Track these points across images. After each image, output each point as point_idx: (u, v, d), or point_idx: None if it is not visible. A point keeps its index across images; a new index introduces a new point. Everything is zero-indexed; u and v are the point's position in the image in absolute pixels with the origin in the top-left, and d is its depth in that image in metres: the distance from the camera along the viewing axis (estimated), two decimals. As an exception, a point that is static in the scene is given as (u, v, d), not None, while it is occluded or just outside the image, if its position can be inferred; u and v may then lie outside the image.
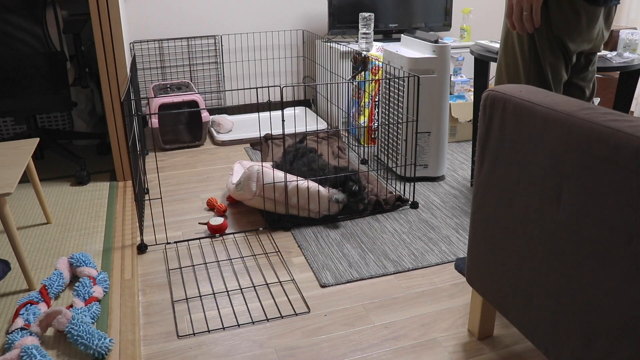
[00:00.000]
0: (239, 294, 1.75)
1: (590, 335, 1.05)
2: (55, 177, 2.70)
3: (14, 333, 1.47)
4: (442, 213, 2.27)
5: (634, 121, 0.97)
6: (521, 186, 1.20)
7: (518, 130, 1.19)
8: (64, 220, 2.24)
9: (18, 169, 1.77)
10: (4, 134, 3.13)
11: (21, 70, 2.44)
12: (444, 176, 2.65)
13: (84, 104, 3.16)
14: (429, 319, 1.62)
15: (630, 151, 0.92)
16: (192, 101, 3.06)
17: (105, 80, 2.47)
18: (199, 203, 2.41)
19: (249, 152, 3.02)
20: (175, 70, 3.47)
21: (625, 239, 0.94)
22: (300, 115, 3.54)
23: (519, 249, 1.24)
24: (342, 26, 3.42)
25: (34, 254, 1.98)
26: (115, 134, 2.55)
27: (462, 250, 1.97)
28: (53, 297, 1.68)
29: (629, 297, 0.95)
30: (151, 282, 1.83)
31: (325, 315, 1.64)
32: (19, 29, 2.38)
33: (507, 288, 1.30)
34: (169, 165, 2.87)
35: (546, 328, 1.18)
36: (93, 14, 2.36)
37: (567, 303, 1.10)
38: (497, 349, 1.49)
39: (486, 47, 2.28)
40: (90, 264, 1.81)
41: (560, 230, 1.09)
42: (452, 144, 3.11)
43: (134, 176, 2.02)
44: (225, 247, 2.05)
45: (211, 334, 1.57)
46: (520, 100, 1.19)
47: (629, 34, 2.14)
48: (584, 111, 1.05)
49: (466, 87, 3.16)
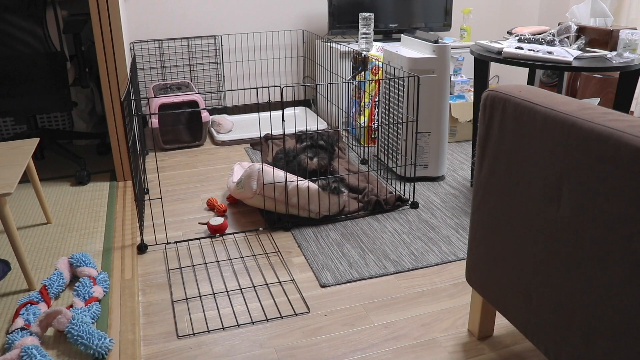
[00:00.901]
0: (238, 294, 1.75)
1: (589, 335, 1.06)
2: (55, 177, 2.70)
3: (14, 333, 1.47)
4: (442, 213, 2.27)
5: (634, 121, 0.97)
6: (521, 186, 1.20)
7: (518, 130, 1.19)
8: (64, 220, 2.24)
9: (18, 169, 1.77)
10: (4, 134, 3.13)
11: (21, 70, 2.45)
12: (444, 176, 2.65)
13: (84, 104, 3.16)
14: (429, 319, 1.62)
15: (630, 151, 0.92)
16: (192, 101, 3.06)
17: (105, 80, 2.47)
18: (199, 203, 2.41)
19: (249, 152, 3.02)
20: (175, 70, 3.47)
21: (625, 239, 0.94)
22: (300, 115, 3.54)
23: (519, 249, 1.24)
24: (342, 26, 3.42)
25: (34, 254, 1.98)
26: (115, 134, 2.55)
27: (462, 250, 1.97)
28: (53, 297, 1.68)
29: (628, 297, 0.95)
30: (151, 282, 1.83)
31: (325, 315, 1.64)
32: (19, 29, 2.38)
33: (507, 288, 1.30)
34: (169, 165, 2.88)
35: (546, 328, 1.18)
36: (93, 14, 2.36)
37: (567, 303, 1.10)
38: (497, 349, 1.49)
39: (486, 47, 2.28)
40: (90, 264, 1.81)
41: (560, 230, 1.09)
42: (452, 144, 3.11)
43: (134, 176, 2.02)
44: (225, 247, 2.05)
45: (211, 334, 1.57)
46: (520, 100, 1.19)
47: (629, 34, 2.14)
48: (583, 111, 1.05)
49: (466, 87, 3.16)
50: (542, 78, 3.42)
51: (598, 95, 3.12)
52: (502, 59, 2.13)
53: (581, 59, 2.11)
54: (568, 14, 2.50)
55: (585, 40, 2.29)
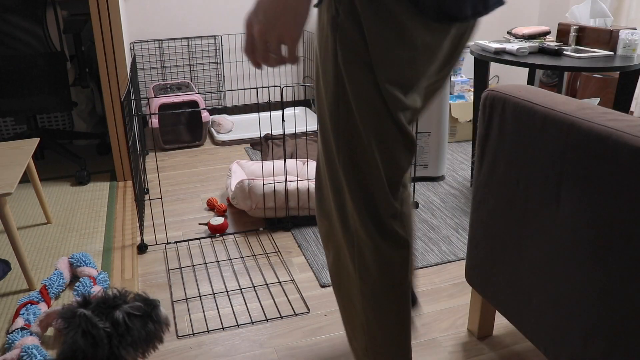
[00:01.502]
0: (238, 294, 1.75)
1: (589, 335, 1.06)
2: (56, 177, 2.70)
3: (15, 333, 1.47)
4: (442, 213, 2.27)
5: (634, 121, 0.97)
6: (521, 186, 1.20)
7: (517, 130, 1.19)
8: (64, 220, 2.24)
9: (18, 169, 1.77)
10: (4, 134, 3.13)
11: (21, 71, 2.45)
12: (444, 176, 2.65)
13: (84, 104, 3.16)
14: (428, 319, 1.62)
15: (629, 151, 0.92)
16: (192, 101, 3.06)
17: (105, 80, 2.47)
18: (199, 203, 2.41)
19: (249, 152, 3.02)
20: (175, 70, 3.47)
21: (625, 239, 0.94)
22: (300, 115, 3.54)
23: (518, 249, 1.24)
24: (342, 26, 3.41)
25: (34, 254, 1.98)
26: (115, 134, 2.55)
27: (462, 250, 1.97)
28: (53, 297, 1.68)
29: (627, 297, 0.96)
30: (151, 282, 1.83)
31: (325, 315, 1.64)
32: (19, 29, 2.38)
33: (507, 288, 1.30)
34: (169, 165, 2.88)
35: (545, 327, 1.18)
36: (93, 14, 2.37)
37: (566, 302, 1.10)
38: (497, 348, 1.49)
39: (486, 47, 2.28)
40: (90, 264, 1.81)
41: (560, 229, 1.09)
42: (452, 144, 3.11)
43: (134, 176, 2.02)
44: (225, 247, 2.05)
45: (211, 334, 1.57)
46: (519, 100, 1.19)
47: (629, 34, 2.14)
48: (583, 111, 1.05)
49: (466, 87, 3.16)
50: (542, 78, 3.42)
51: (598, 95, 3.12)
52: (500, 59, 2.14)
53: (580, 59, 2.11)
54: (568, 14, 2.50)
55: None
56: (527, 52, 2.17)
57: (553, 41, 2.43)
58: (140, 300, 0.89)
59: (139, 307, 0.87)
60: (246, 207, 2.17)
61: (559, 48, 2.18)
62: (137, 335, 0.88)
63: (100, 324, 0.85)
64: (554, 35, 2.69)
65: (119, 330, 0.86)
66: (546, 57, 2.16)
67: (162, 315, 0.93)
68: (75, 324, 0.86)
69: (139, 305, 0.88)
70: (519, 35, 2.42)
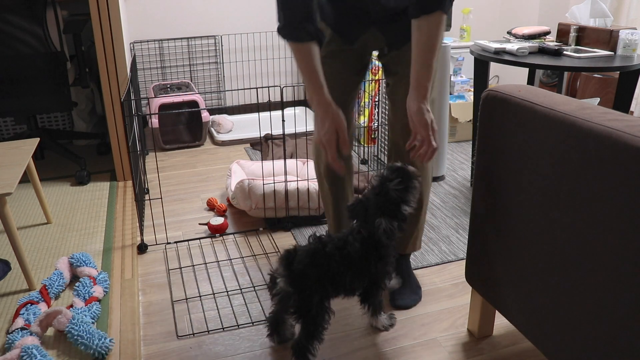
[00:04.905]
0: (238, 294, 1.75)
1: (589, 335, 1.06)
2: (55, 177, 2.71)
3: (14, 333, 1.47)
4: (442, 213, 2.27)
5: (634, 121, 0.97)
6: (521, 186, 1.20)
7: (518, 130, 1.19)
8: (64, 220, 2.24)
9: (18, 169, 1.77)
10: (4, 134, 3.13)
11: (21, 70, 2.45)
12: (444, 176, 2.65)
13: (84, 104, 3.16)
14: (428, 319, 1.62)
15: (629, 151, 0.92)
16: (192, 101, 3.06)
17: (105, 80, 2.47)
18: (199, 203, 2.41)
19: (249, 152, 3.02)
20: (175, 70, 3.47)
21: (625, 239, 0.94)
22: (300, 115, 3.54)
23: (518, 249, 1.24)
24: (342, 26, 3.41)
25: (34, 254, 1.98)
26: (115, 134, 2.55)
27: (462, 250, 1.97)
28: (53, 297, 1.68)
29: (628, 297, 0.96)
30: (151, 282, 1.83)
31: (325, 315, 1.64)
32: (19, 29, 2.38)
33: (507, 288, 1.30)
34: (169, 165, 2.88)
35: (545, 328, 1.18)
36: (93, 14, 2.37)
37: (567, 303, 1.10)
38: (497, 348, 1.49)
39: (486, 47, 2.28)
40: (90, 264, 1.81)
41: (560, 229, 1.09)
42: (452, 144, 3.11)
43: (134, 176, 2.02)
44: (225, 247, 2.05)
45: (211, 334, 1.57)
46: (519, 100, 1.19)
47: (629, 34, 2.14)
48: (583, 111, 1.05)
49: (466, 87, 3.16)
50: (542, 78, 3.42)
51: (598, 95, 3.12)
52: (500, 59, 2.14)
53: (579, 59, 2.11)
54: (568, 14, 2.50)
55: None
56: (527, 52, 2.18)
57: (553, 41, 2.43)
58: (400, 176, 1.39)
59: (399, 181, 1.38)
60: (246, 207, 2.17)
61: (559, 48, 2.18)
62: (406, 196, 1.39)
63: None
64: (554, 35, 2.68)
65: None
66: (546, 57, 2.17)
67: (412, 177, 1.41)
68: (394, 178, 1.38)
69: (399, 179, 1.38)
70: (519, 35, 2.43)
